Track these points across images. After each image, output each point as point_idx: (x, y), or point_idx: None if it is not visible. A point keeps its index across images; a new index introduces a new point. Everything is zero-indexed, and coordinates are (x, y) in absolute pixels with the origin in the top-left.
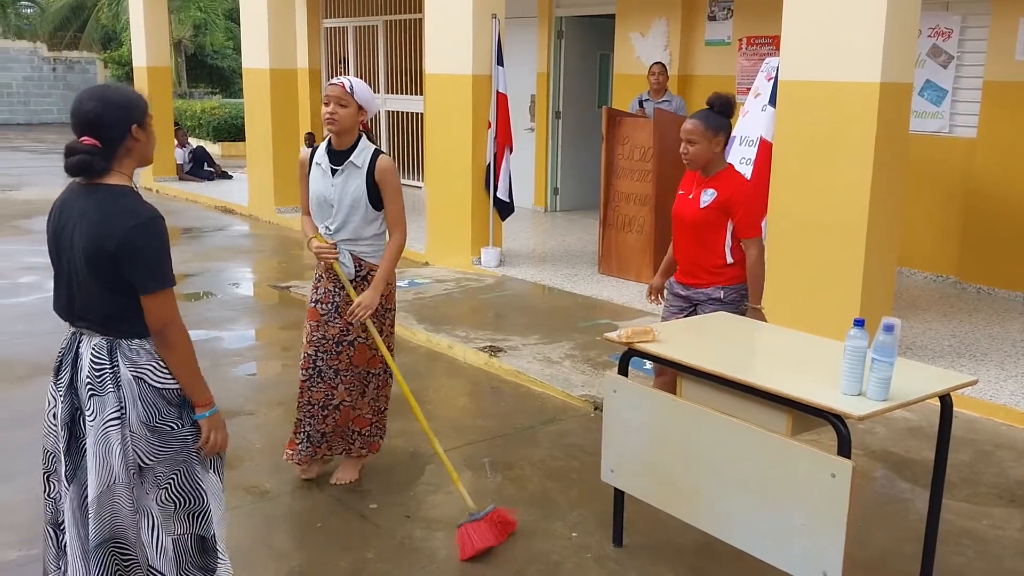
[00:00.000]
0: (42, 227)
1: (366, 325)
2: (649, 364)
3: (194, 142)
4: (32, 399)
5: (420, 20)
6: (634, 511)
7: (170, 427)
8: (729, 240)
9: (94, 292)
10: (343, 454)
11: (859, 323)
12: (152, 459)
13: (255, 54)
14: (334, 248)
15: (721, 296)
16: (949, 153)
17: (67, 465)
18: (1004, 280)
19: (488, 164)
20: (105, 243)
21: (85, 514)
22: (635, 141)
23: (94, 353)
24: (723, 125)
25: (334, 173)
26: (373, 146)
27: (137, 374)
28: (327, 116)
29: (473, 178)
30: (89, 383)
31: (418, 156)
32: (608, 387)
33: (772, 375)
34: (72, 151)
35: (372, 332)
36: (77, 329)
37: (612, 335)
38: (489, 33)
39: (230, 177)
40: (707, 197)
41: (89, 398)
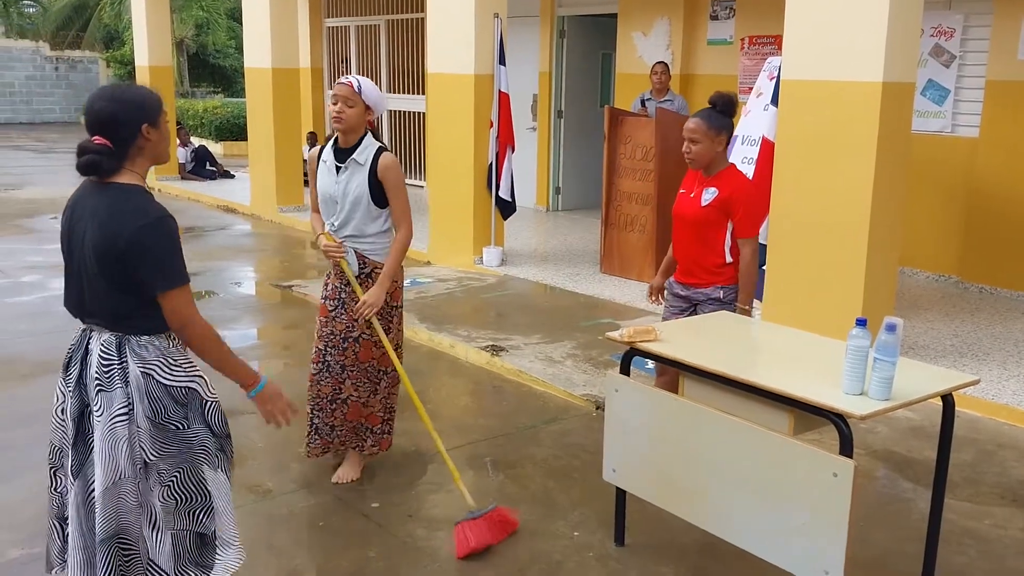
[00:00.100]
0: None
1: (371, 322)
2: (651, 363)
3: (196, 141)
4: (35, 398)
5: (422, 19)
6: (636, 510)
7: (176, 426)
8: (729, 239)
9: (104, 289)
10: (355, 449)
11: (861, 322)
12: (156, 455)
13: (257, 53)
14: (340, 246)
15: (720, 296)
16: (951, 153)
17: (74, 460)
18: (1006, 280)
19: (490, 163)
20: (114, 242)
21: (90, 509)
22: (637, 140)
23: (103, 349)
24: (725, 124)
25: (339, 170)
26: (377, 144)
27: (145, 370)
28: (334, 115)
29: (475, 177)
30: (97, 379)
31: (420, 155)
32: (610, 386)
33: (774, 374)
34: (83, 150)
35: (377, 329)
36: (87, 326)
37: (614, 334)
38: (491, 32)
39: (232, 176)
40: (708, 195)
41: (97, 393)
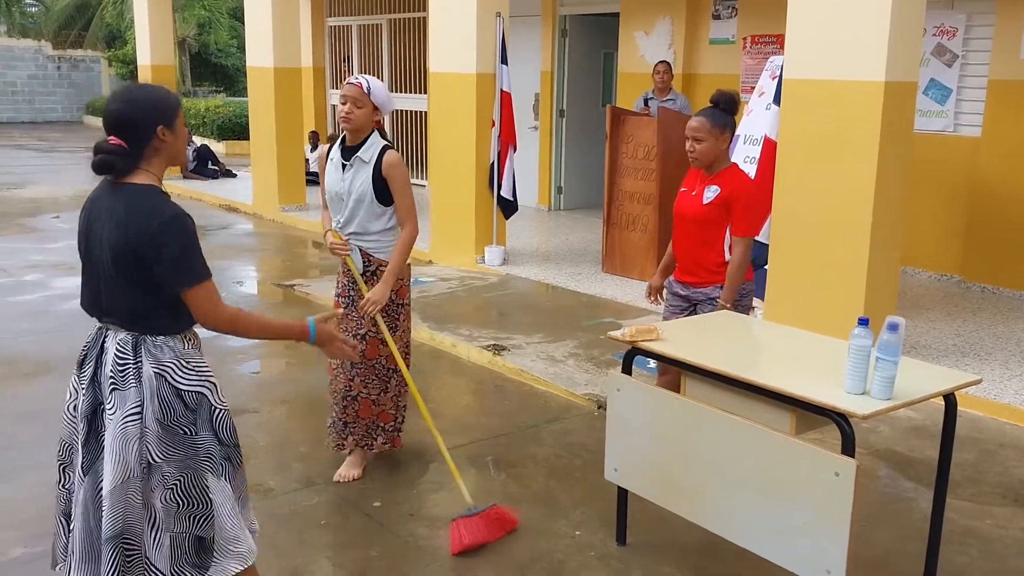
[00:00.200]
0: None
1: (376, 320)
2: (652, 363)
3: (198, 140)
4: (37, 397)
5: (424, 19)
6: (637, 510)
7: (183, 431)
8: (729, 238)
9: (121, 289)
10: (364, 448)
11: (863, 322)
12: (161, 457)
13: (259, 52)
14: (345, 243)
15: (720, 296)
16: (953, 152)
17: (84, 457)
18: (1008, 279)
19: (492, 163)
20: (131, 242)
21: (98, 507)
22: (639, 140)
23: (119, 348)
24: (728, 122)
25: (344, 168)
26: (383, 142)
27: (159, 371)
28: (343, 115)
29: (477, 177)
30: (112, 377)
31: (422, 155)
32: (612, 386)
33: (776, 374)
34: (98, 149)
35: (382, 327)
36: (103, 325)
37: (616, 334)
38: (493, 32)
39: (234, 175)
40: (710, 194)
41: (111, 392)
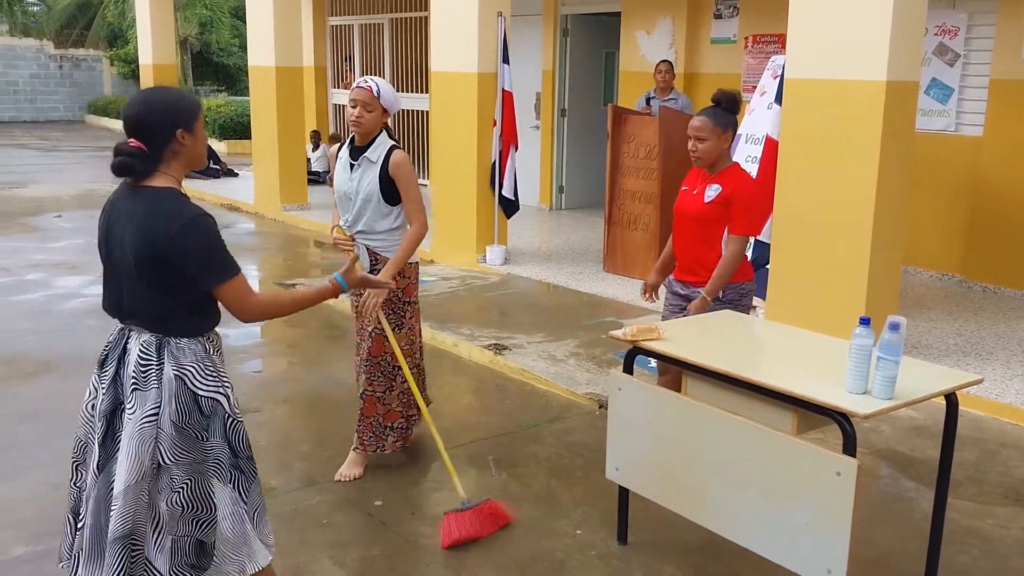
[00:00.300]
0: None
1: (379, 316)
2: (653, 362)
3: None
4: (39, 396)
5: (426, 18)
6: (638, 509)
7: (196, 435)
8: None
9: (142, 291)
10: (378, 450)
11: (864, 321)
12: (171, 459)
13: (261, 52)
14: (351, 240)
15: (721, 295)
16: (955, 152)
17: (100, 456)
18: (1010, 279)
19: (493, 162)
20: (153, 245)
21: (108, 506)
22: (640, 139)
23: (142, 349)
24: (731, 121)
25: (352, 168)
26: (390, 142)
27: (179, 373)
28: (353, 119)
29: (478, 176)
30: (134, 377)
31: (423, 154)
32: (613, 385)
33: (777, 373)
34: (117, 152)
35: (383, 323)
36: (126, 326)
37: (617, 333)
38: (495, 31)
39: (236, 175)
40: (712, 192)
41: (132, 392)
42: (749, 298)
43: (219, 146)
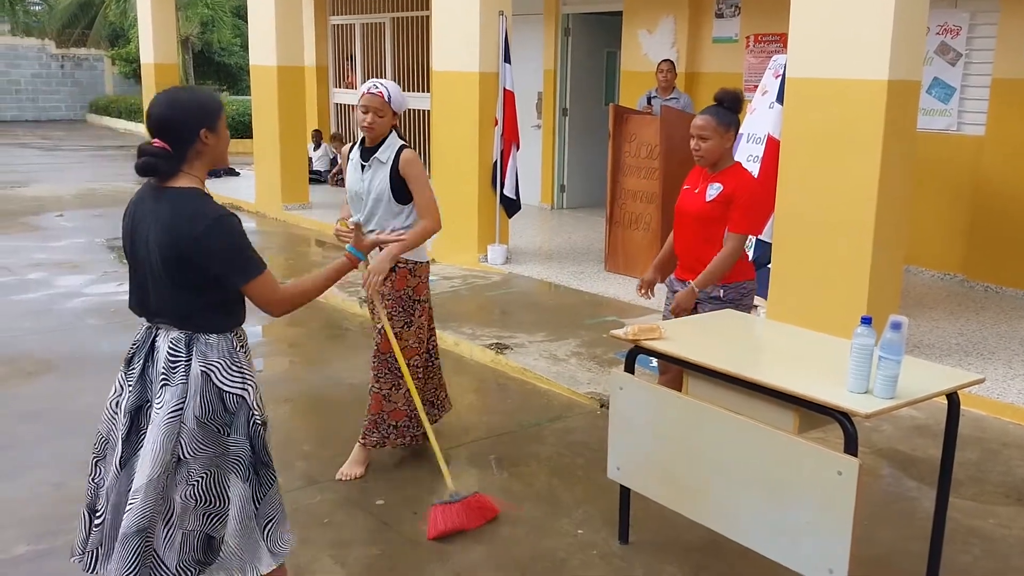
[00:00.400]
0: (50, 224)
1: (381, 318)
2: (655, 361)
3: None
4: (40, 396)
5: (427, 17)
6: (640, 508)
7: (217, 429)
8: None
9: (169, 291)
10: (377, 446)
11: (866, 321)
12: (190, 453)
13: (262, 51)
14: (351, 231)
15: (721, 295)
16: (957, 151)
17: (123, 452)
18: (1011, 278)
19: (495, 161)
20: (177, 246)
21: (128, 501)
22: (642, 138)
23: (171, 346)
24: (733, 120)
25: (363, 168)
26: (400, 142)
27: (206, 369)
28: (365, 125)
29: (480, 175)
30: (163, 374)
31: (425, 153)
32: (614, 384)
33: (779, 373)
34: (141, 152)
35: (382, 317)
36: (152, 324)
37: (618, 332)
38: (496, 30)
39: (237, 174)
40: (713, 191)
41: (161, 388)
42: (750, 297)
43: None
